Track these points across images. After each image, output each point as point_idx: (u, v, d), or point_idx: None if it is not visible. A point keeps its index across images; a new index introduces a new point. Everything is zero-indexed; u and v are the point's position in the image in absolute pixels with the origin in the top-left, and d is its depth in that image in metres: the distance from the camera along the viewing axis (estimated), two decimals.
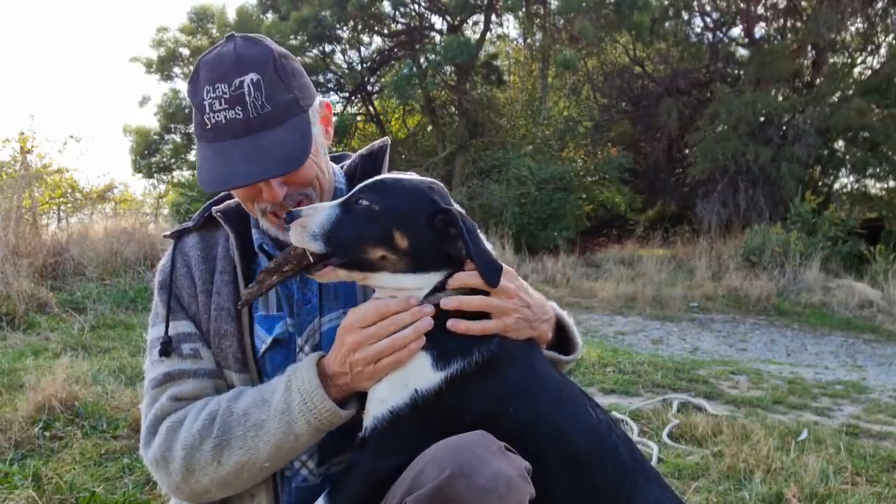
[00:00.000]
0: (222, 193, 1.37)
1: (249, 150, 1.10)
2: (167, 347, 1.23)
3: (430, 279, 1.11)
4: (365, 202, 1.10)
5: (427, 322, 1.08)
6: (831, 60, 16.10)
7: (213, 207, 1.32)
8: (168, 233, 1.37)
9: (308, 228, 1.08)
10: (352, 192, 1.13)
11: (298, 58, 1.30)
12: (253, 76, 1.11)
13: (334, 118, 1.40)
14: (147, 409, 1.23)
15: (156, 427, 1.20)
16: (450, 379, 1.05)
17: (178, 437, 1.16)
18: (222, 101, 1.11)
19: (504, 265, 1.14)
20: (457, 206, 1.19)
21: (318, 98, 1.25)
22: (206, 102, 1.13)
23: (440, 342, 1.07)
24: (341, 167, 1.38)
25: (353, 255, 1.09)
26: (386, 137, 1.43)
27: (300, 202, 1.19)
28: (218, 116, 1.12)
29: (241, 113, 1.11)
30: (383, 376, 1.08)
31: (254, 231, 1.28)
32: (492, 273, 1.08)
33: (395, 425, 1.05)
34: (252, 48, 1.15)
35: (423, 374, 1.05)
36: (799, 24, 15.99)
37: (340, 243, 1.08)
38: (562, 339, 1.30)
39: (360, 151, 1.40)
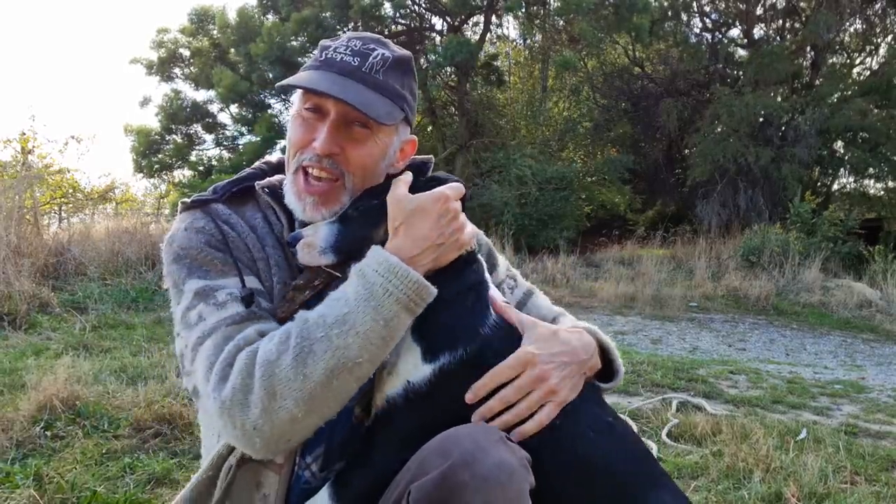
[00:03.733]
0: (249, 170, 1.32)
1: (343, 84, 1.14)
2: (251, 297, 1.10)
3: None
4: (360, 208, 1.14)
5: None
6: (830, 61, 16.13)
7: (258, 183, 1.24)
8: (188, 200, 1.23)
9: (314, 246, 1.10)
10: (346, 208, 1.16)
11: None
12: (386, 53, 1.19)
13: None
14: (218, 349, 1.05)
15: (231, 363, 1.03)
16: (440, 372, 1.07)
17: (257, 359, 1.02)
18: (349, 49, 1.18)
19: (528, 319, 1.16)
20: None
21: (410, 132, 1.28)
22: (332, 45, 1.19)
23: (428, 334, 1.09)
24: None
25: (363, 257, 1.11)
26: (430, 156, 1.39)
27: (333, 181, 1.18)
28: (336, 55, 1.18)
29: (357, 62, 1.16)
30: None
31: (298, 221, 1.25)
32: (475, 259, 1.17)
33: (394, 419, 1.08)
34: (399, 48, 1.23)
35: (413, 367, 1.08)
36: (798, 25, 16.02)
37: (350, 248, 1.11)
38: (604, 363, 1.28)
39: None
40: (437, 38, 16.60)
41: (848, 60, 16.48)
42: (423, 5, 16.36)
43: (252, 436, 1.02)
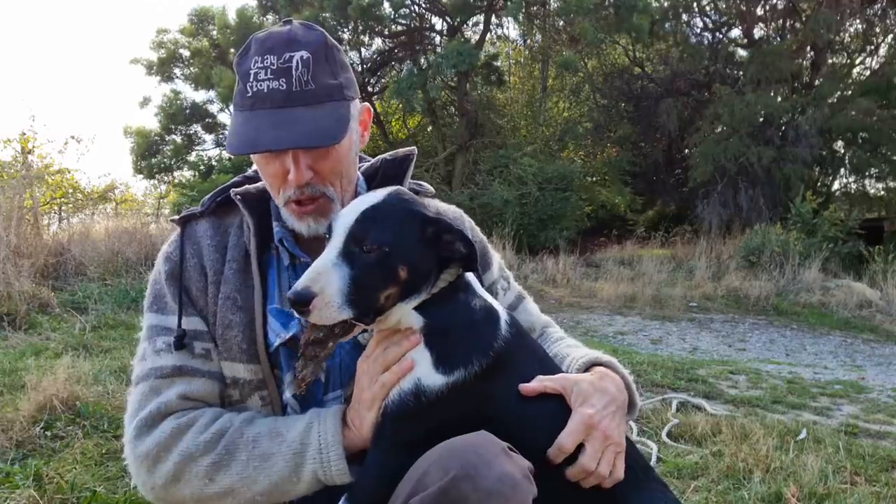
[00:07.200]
0: (235, 179, 1.35)
1: (284, 120, 1.12)
2: (181, 341, 1.18)
3: (421, 296, 1.08)
4: (369, 247, 1.01)
5: (416, 340, 1.08)
6: (830, 61, 16.13)
7: (233, 190, 1.27)
8: (176, 217, 1.31)
9: (332, 303, 0.98)
10: (344, 235, 1.04)
11: None
12: (303, 53, 1.14)
13: None
14: (145, 399, 1.17)
15: (157, 422, 1.15)
16: (451, 385, 1.05)
17: (181, 442, 1.13)
18: (268, 71, 1.13)
19: (568, 379, 1.13)
20: (435, 203, 1.19)
21: (360, 101, 1.27)
22: (251, 72, 1.15)
23: (443, 352, 1.07)
24: (358, 168, 1.36)
25: (375, 307, 1.04)
26: (413, 147, 1.39)
27: (317, 199, 1.19)
28: (261, 85, 1.14)
29: (284, 85, 1.12)
30: (381, 400, 1.08)
31: (275, 224, 1.25)
32: (479, 270, 1.12)
33: (403, 421, 1.05)
34: (307, 31, 1.18)
35: (426, 371, 1.05)
36: (798, 25, 16.02)
37: (364, 302, 1.01)
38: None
39: (383, 155, 1.39)
40: (437, 38, 16.61)
41: (848, 60, 16.48)
42: (423, 5, 16.36)
43: (148, 491, 1.16)
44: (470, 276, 1.15)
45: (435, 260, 1.08)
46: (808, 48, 15.64)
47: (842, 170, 16.16)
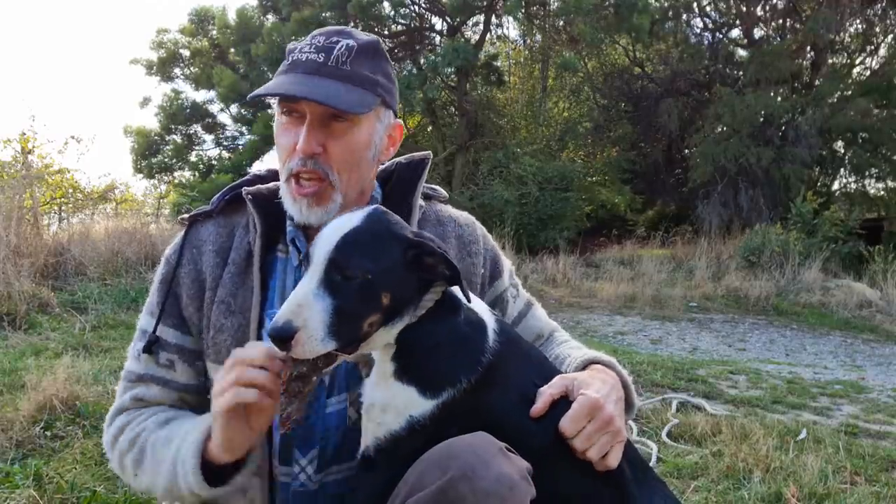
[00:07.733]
0: (247, 177, 1.35)
1: (309, 82, 1.14)
2: (151, 346, 1.25)
3: (405, 320, 1.05)
4: (351, 275, 0.97)
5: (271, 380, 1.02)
6: (830, 61, 16.14)
7: (244, 188, 1.26)
8: (185, 216, 1.32)
9: (314, 336, 0.95)
10: (324, 262, 0.98)
11: None
12: (351, 42, 1.18)
13: None
14: (119, 395, 1.30)
15: (114, 417, 1.28)
16: (443, 405, 1.04)
17: (120, 439, 1.24)
18: (313, 46, 1.18)
19: (567, 378, 1.11)
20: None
21: (395, 117, 1.27)
22: (298, 47, 1.20)
23: (422, 378, 1.04)
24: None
25: (358, 336, 1.01)
26: (428, 151, 1.40)
27: (319, 180, 1.17)
28: (301, 56, 1.18)
29: (321, 58, 1.16)
30: (228, 421, 1.05)
31: (289, 224, 1.24)
32: (466, 291, 1.06)
33: (396, 445, 1.05)
34: (363, 34, 1.23)
35: (415, 404, 1.04)
36: (798, 25, 16.02)
37: (348, 332, 0.98)
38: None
39: (398, 159, 1.39)
40: (437, 39, 16.61)
41: (848, 60, 16.49)
42: (423, 5, 16.37)
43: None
44: (454, 288, 1.11)
45: (416, 283, 1.05)
46: (808, 48, 15.64)
47: (842, 170, 16.17)
